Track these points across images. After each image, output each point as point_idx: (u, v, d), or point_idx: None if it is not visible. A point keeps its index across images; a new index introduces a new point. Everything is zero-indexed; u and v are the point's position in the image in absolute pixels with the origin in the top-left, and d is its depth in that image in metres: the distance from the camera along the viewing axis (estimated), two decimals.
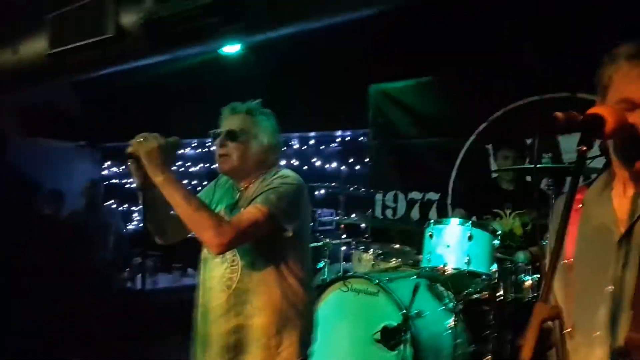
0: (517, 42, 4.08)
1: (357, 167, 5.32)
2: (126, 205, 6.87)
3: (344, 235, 4.13)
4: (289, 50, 4.71)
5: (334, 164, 5.43)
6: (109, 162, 7.47)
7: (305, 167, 5.50)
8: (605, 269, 1.26)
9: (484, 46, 4.28)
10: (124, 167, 7.10)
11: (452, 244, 3.01)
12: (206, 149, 6.49)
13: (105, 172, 7.49)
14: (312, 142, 5.63)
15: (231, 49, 4.70)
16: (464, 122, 4.55)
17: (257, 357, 2.08)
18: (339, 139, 5.52)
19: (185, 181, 4.87)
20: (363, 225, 4.23)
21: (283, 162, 5.65)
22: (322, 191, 4.91)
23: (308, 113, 5.23)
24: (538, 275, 3.08)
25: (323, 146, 5.56)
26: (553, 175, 3.22)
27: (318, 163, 5.52)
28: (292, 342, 2.10)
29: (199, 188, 2.50)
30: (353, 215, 4.22)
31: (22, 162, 6.13)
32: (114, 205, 6.71)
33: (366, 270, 3.77)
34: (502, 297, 3.02)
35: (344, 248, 4.07)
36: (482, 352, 2.99)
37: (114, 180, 7.34)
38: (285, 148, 5.69)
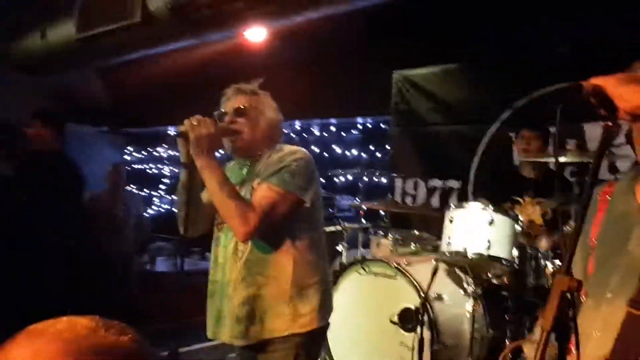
0: (544, 29, 4.01)
1: (378, 154, 5.30)
2: (146, 190, 6.93)
3: (363, 221, 4.12)
4: (310, 36, 4.70)
5: (354, 151, 5.41)
6: (130, 148, 7.54)
7: (326, 154, 5.50)
8: (623, 246, 1.33)
9: (509, 33, 4.22)
10: (145, 152, 7.16)
11: (473, 228, 2.96)
12: None
13: (127, 157, 7.56)
14: (332, 128, 5.61)
15: (256, 36, 4.69)
16: (488, 110, 4.49)
17: (271, 326, 2.09)
18: (360, 126, 5.49)
19: None
20: (382, 212, 4.20)
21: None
22: (342, 178, 4.89)
23: (329, 99, 5.21)
24: (559, 262, 3.02)
25: (344, 133, 5.55)
26: (577, 163, 3.16)
27: (339, 150, 5.50)
28: (310, 310, 2.11)
29: None
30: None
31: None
32: (135, 190, 6.77)
33: (384, 255, 3.77)
34: (522, 283, 2.98)
35: (362, 234, 4.06)
36: (501, 337, 2.95)
37: (135, 166, 7.41)
38: (306, 135, 5.71)
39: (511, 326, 2.90)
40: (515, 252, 2.94)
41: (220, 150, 2.23)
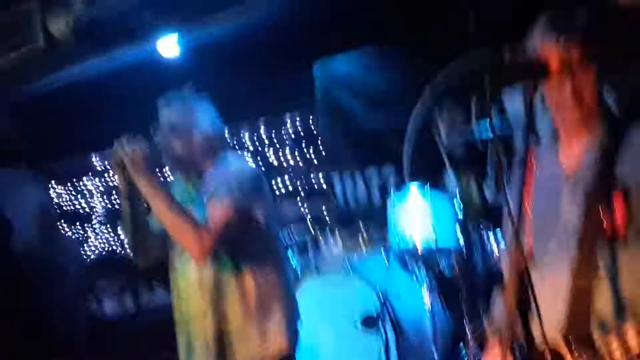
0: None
1: (312, 151, 5.24)
2: (78, 226, 6.59)
3: (310, 225, 4.11)
4: (225, 40, 4.57)
5: (287, 153, 5.32)
6: (54, 184, 7.12)
7: (259, 159, 5.39)
8: (556, 209, 1.35)
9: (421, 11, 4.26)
10: (71, 186, 6.82)
11: (415, 216, 3.03)
12: None
13: (53, 195, 7.14)
14: (262, 132, 5.50)
15: (170, 51, 4.52)
16: (410, 90, 4.53)
17: (242, 349, 2.06)
18: (289, 125, 5.40)
19: None
20: (326, 213, 4.21)
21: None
22: (282, 187, 4.86)
23: (254, 101, 5.13)
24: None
25: (274, 136, 5.44)
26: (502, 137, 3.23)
27: (271, 154, 5.40)
28: (278, 332, 2.09)
29: None
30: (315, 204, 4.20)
31: None
32: (66, 228, 6.43)
33: (337, 255, 3.78)
34: (473, 270, 3.06)
35: (310, 238, 4.04)
36: (461, 325, 3.02)
37: (63, 202, 7.03)
38: (236, 140, 5.60)
39: (469, 312, 2.98)
40: (461, 238, 3.00)
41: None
